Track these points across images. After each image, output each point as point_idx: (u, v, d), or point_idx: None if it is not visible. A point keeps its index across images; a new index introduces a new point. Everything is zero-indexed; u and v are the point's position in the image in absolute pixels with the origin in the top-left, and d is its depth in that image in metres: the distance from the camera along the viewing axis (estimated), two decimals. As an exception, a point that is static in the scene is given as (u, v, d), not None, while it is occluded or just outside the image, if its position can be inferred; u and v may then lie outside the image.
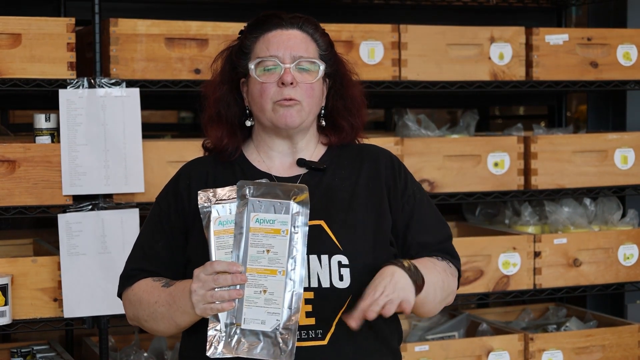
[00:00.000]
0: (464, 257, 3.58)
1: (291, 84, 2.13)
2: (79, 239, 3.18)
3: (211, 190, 2.05)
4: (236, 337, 1.98)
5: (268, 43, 2.17)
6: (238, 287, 1.97)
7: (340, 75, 2.26)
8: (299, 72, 2.16)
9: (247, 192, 2.02)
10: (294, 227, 1.99)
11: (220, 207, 2.03)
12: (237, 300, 1.97)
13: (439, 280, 2.16)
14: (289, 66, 2.14)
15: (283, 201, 2.00)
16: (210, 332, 1.99)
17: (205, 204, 2.03)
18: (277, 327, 1.97)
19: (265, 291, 1.98)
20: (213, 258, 2.01)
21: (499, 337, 3.63)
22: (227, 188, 2.05)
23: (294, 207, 2.00)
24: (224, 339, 1.98)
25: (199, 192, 2.06)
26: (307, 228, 2.00)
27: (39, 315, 3.17)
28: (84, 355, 3.67)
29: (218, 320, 1.99)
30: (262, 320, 1.97)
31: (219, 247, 2.01)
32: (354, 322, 1.99)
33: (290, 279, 1.98)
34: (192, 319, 2.05)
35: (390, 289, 1.98)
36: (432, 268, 2.15)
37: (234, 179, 2.16)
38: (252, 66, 2.17)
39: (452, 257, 2.25)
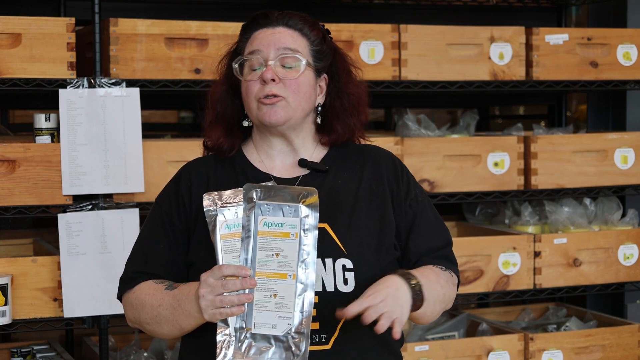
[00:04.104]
0: (464, 257, 3.59)
1: (273, 80, 2.10)
2: (79, 239, 3.18)
3: (216, 193, 2.01)
4: (246, 341, 1.95)
5: (253, 41, 2.16)
6: (247, 291, 1.94)
7: (338, 72, 2.22)
8: (283, 69, 2.13)
9: (255, 195, 1.98)
10: (304, 230, 1.96)
11: (226, 210, 1.99)
12: (246, 304, 1.94)
13: (440, 294, 2.14)
14: (271, 63, 2.11)
15: (292, 204, 1.97)
16: (219, 337, 1.95)
17: (211, 208, 1.99)
18: (289, 332, 1.94)
19: (275, 295, 1.94)
20: (220, 262, 1.97)
21: (499, 337, 3.63)
22: (233, 190, 2.02)
23: (303, 210, 1.97)
24: (233, 343, 1.95)
25: (203, 195, 2.02)
26: (317, 231, 1.97)
27: (39, 315, 3.17)
28: (84, 355, 3.67)
29: (227, 325, 1.95)
30: (273, 325, 1.94)
31: (226, 251, 1.98)
32: (345, 313, 1.95)
33: (302, 283, 1.95)
34: (198, 322, 2.02)
35: (390, 302, 1.96)
36: (436, 282, 2.13)
37: (235, 180, 2.15)
38: (235, 65, 2.15)
39: (452, 263, 2.23)
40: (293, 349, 1.94)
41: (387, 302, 1.96)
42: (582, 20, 4.95)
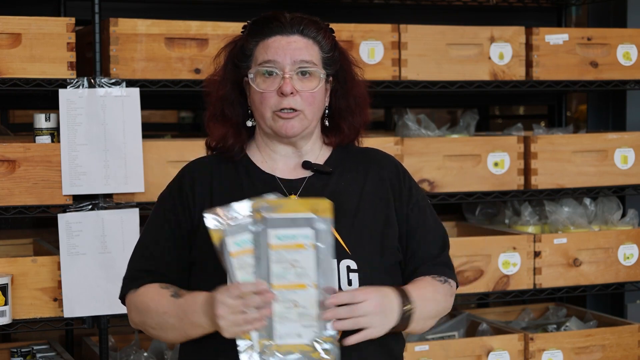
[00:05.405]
0: (464, 256, 3.59)
1: (291, 93, 2.10)
2: (79, 239, 3.18)
3: (219, 210, 1.96)
4: (269, 352, 1.94)
5: (267, 49, 2.14)
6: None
7: (344, 75, 2.22)
8: (300, 81, 2.12)
9: (263, 209, 1.95)
10: (319, 239, 1.95)
11: (234, 227, 1.95)
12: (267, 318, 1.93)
13: (433, 312, 2.16)
14: (288, 75, 2.10)
15: (304, 215, 1.95)
16: (243, 355, 1.94)
17: (218, 226, 1.95)
18: (315, 339, 1.94)
19: (296, 305, 1.94)
20: (236, 280, 1.94)
21: (499, 337, 3.63)
22: (236, 206, 1.97)
23: (316, 220, 1.95)
24: (258, 357, 1.94)
25: (205, 214, 1.97)
26: (333, 239, 1.95)
27: (39, 315, 3.17)
28: (84, 355, 3.67)
29: (249, 339, 1.95)
30: (298, 334, 1.94)
31: (239, 268, 1.94)
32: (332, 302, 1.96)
33: (324, 291, 1.94)
34: (207, 332, 2.02)
35: (375, 311, 1.99)
36: (432, 299, 2.15)
37: (238, 180, 2.16)
38: (251, 75, 2.14)
39: (450, 269, 2.24)
40: (322, 354, 1.94)
41: (370, 310, 1.98)
42: (582, 20, 4.95)
